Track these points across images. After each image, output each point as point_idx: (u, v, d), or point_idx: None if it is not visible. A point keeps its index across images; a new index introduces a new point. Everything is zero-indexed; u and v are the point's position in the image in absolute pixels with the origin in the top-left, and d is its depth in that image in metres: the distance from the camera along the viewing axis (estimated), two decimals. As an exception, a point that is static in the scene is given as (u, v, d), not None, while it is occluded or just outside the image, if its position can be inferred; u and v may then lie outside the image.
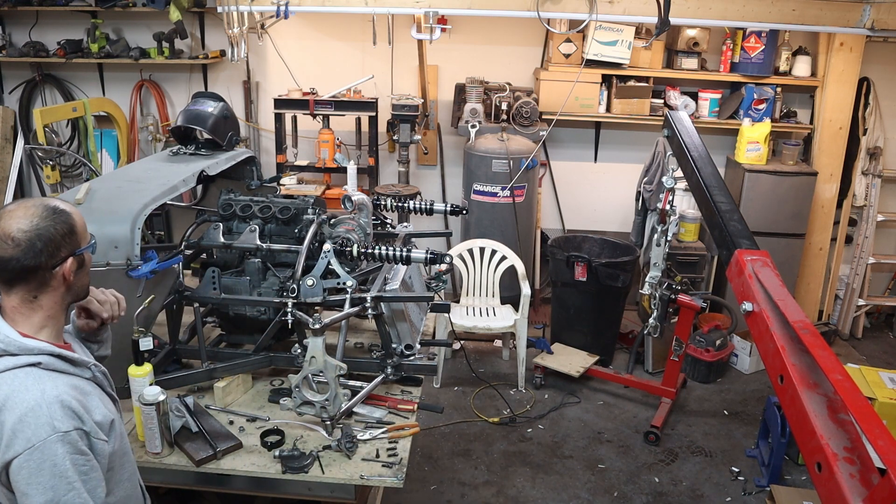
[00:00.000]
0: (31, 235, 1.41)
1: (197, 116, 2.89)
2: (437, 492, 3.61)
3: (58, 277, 1.46)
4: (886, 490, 1.54)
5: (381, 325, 2.45)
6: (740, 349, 4.92)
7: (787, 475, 3.81)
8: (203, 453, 2.15)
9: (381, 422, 2.38)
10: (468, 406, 4.35)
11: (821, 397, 1.86)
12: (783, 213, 5.01)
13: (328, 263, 2.40)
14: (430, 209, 3.00)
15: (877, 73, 5.16)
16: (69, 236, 1.46)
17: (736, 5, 4.40)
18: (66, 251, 1.46)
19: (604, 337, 4.81)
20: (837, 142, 5.12)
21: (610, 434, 4.14)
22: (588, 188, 5.64)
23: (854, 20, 4.41)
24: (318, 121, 5.14)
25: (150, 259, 2.30)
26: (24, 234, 1.40)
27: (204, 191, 3.20)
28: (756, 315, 2.18)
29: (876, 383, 3.60)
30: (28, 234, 1.40)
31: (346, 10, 4.63)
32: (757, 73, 5.03)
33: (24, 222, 1.41)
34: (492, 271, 4.79)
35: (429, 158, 5.58)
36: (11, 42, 5.45)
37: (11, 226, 1.40)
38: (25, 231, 1.40)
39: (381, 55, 5.19)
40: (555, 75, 5.07)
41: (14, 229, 1.40)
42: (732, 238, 2.50)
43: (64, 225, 1.45)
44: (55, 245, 1.43)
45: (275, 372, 2.69)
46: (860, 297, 5.44)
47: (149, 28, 5.31)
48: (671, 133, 3.47)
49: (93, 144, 5.28)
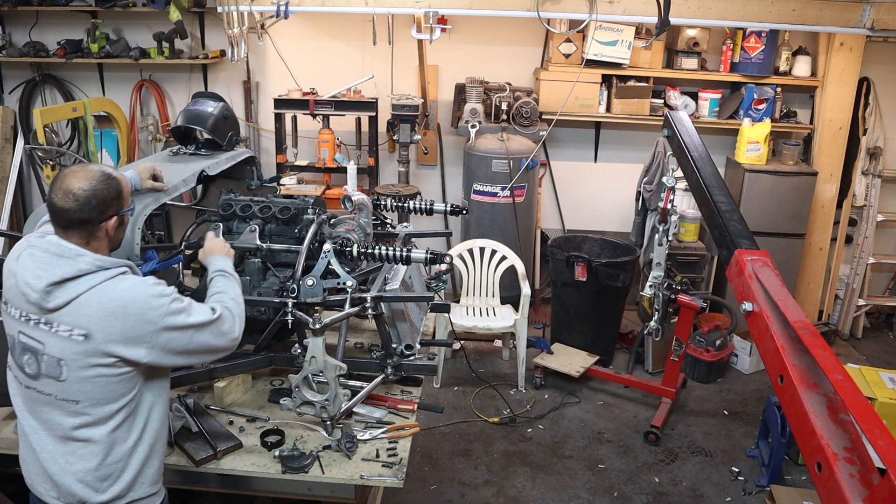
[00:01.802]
0: (89, 194, 1.71)
1: (197, 116, 2.89)
2: (437, 492, 3.61)
3: (103, 230, 1.77)
4: (886, 490, 1.54)
5: (381, 325, 2.45)
6: (740, 349, 4.92)
7: (787, 475, 3.81)
8: (203, 453, 2.15)
9: (381, 422, 2.38)
10: (468, 406, 4.35)
11: (821, 397, 1.86)
12: (783, 213, 5.01)
13: (328, 263, 2.40)
14: (430, 209, 3.00)
15: (877, 73, 5.16)
16: (117, 199, 1.78)
17: (736, 5, 4.40)
18: (112, 210, 1.77)
19: (604, 337, 4.81)
20: (837, 142, 5.12)
21: (610, 434, 4.14)
22: (588, 188, 5.64)
23: (854, 20, 4.41)
24: (318, 121, 5.14)
25: (150, 259, 2.30)
26: (83, 193, 1.71)
27: (204, 191, 3.20)
28: (756, 315, 2.18)
29: (876, 383, 3.60)
30: (86, 193, 1.71)
31: (346, 10, 4.63)
32: (757, 73, 5.03)
33: (85, 183, 1.72)
34: (492, 271, 4.79)
35: (429, 158, 5.58)
36: (11, 42, 5.45)
37: (73, 184, 1.71)
38: (85, 190, 1.71)
39: (381, 55, 5.19)
40: (555, 75, 5.07)
41: (76, 188, 1.71)
42: (732, 238, 2.50)
43: (114, 189, 1.77)
44: (105, 205, 1.74)
45: (275, 372, 2.69)
46: (860, 297, 5.45)
47: (149, 28, 5.31)
48: (671, 133, 3.47)
49: (93, 144, 5.28)
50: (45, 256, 1.71)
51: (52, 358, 1.71)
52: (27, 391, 1.78)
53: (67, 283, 1.69)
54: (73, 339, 1.69)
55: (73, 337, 1.69)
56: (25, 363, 1.75)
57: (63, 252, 1.71)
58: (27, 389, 1.78)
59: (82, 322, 1.69)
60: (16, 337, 1.77)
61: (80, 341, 1.69)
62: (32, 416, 1.80)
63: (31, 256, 1.72)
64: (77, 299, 1.69)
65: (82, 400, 1.73)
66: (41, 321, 1.71)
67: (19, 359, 1.77)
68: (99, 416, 1.75)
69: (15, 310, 1.76)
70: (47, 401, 1.75)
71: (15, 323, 1.77)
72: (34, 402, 1.78)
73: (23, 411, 1.82)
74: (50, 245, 1.72)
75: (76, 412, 1.74)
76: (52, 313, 1.70)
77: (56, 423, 1.76)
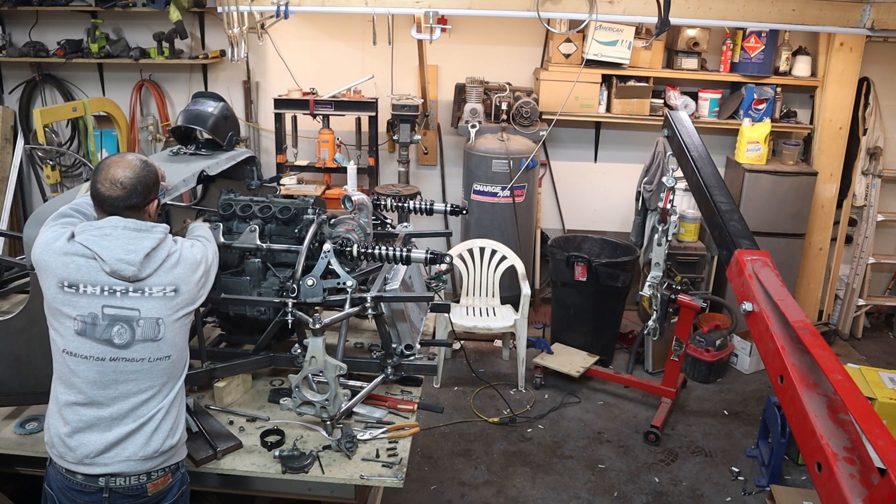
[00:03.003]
0: (135, 181, 1.89)
1: (197, 116, 2.88)
2: (437, 492, 3.61)
3: (146, 213, 1.95)
4: (886, 490, 1.54)
5: (381, 325, 2.45)
6: (740, 349, 4.92)
7: (787, 475, 3.81)
8: (203, 453, 2.15)
9: (381, 422, 2.38)
10: (468, 406, 4.35)
11: (821, 397, 1.86)
12: (783, 213, 5.01)
13: (328, 263, 2.40)
14: (430, 209, 3.00)
15: (877, 73, 5.16)
16: (156, 184, 1.98)
17: (736, 5, 4.40)
18: (153, 195, 1.97)
19: (604, 337, 4.81)
20: (837, 142, 5.12)
21: (610, 434, 4.14)
22: (588, 188, 5.64)
23: (854, 20, 4.41)
24: (318, 121, 5.14)
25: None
26: (129, 181, 1.88)
27: (204, 191, 3.19)
28: (756, 315, 2.18)
29: (876, 383, 3.60)
30: (132, 181, 1.88)
31: (346, 10, 4.63)
32: (757, 73, 5.03)
33: (129, 171, 1.89)
34: (492, 271, 4.79)
35: (429, 158, 5.58)
36: (11, 42, 5.45)
37: (119, 174, 1.87)
38: (130, 178, 1.88)
39: (381, 55, 5.18)
40: (555, 75, 5.07)
41: (121, 176, 1.87)
42: (732, 238, 2.50)
43: (153, 174, 1.96)
44: (148, 189, 1.93)
45: (275, 372, 2.69)
46: (860, 297, 5.45)
47: (149, 28, 5.31)
48: (671, 133, 3.47)
49: (93, 144, 5.29)
50: (127, 233, 1.86)
51: (150, 320, 1.88)
52: (111, 364, 1.87)
53: (153, 253, 1.88)
54: (167, 296, 1.89)
55: (166, 294, 1.89)
56: (115, 334, 1.85)
57: (141, 227, 1.89)
58: (112, 362, 1.86)
59: (171, 280, 1.91)
60: (98, 313, 1.85)
61: (172, 297, 1.90)
62: (108, 390, 1.89)
63: (108, 237, 1.84)
64: (165, 262, 1.90)
65: (173, 353, 1.93)
66: (130, 290, 1.86)
67: (106, 332, 1.85)
68: (181, 364, 1.99)
69: (93, 287, 1.84)
70: (136, 367, 1.88)
71: (94, 300, 1.84)
72: (117, 374, 1.87)
73: (91, 389, 1.88)
74: (126, 223, 1.88)
75: (165, 369, 1.92)
76: (144, 280, 1.87)
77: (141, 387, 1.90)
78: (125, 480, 1.91)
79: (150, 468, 1.93)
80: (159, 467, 1.95)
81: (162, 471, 1.96)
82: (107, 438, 1.88)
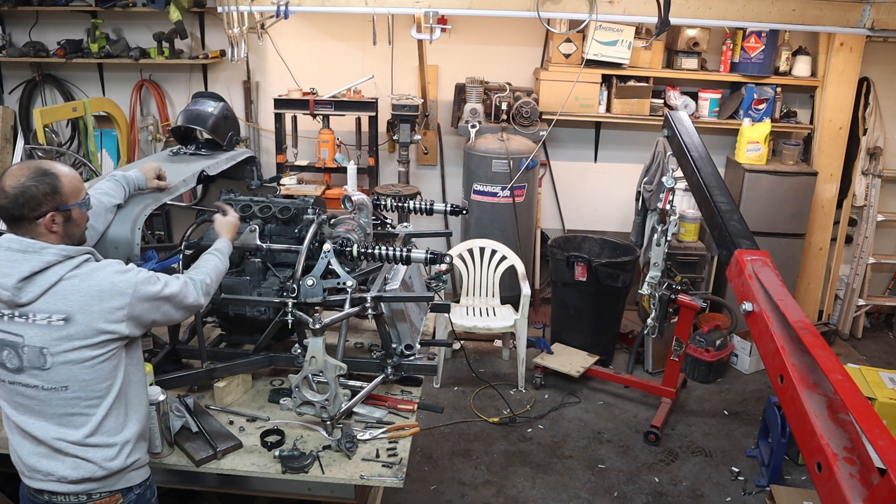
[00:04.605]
0: (17, 192, 1.71)
1: (197, 116, 2.89)
2: (437, 492, 3.61)
3: (41, 227, 1.75)
4: (886, 490, 1.54)
5: (381, 325, 2.45)
6: (740, 349, 4.92)
7: (787, 475, 3.81)
8: (203, 453, 2.15)
9: (381, 422, 2.38)
10: (468, 406, 4.35)
11: (821, 397, 1.86)
12: (783, 213, 5.01)
13: (328, 263, 2.40)
14: (430, 209, 3.00)
15: (877, 73, 5.16)
16: (50, 195, 1.74)
17: (736, 5, 4.40)
18: (46, 207, 1.74)
19: (604, 337, 4.81)
20: (837, 142, 5.12)
21: (610, 434, 4.14)
22: (588, 188, 5.64)
23: (854, 20, 4.41)
24: (318, 121, 5.14)
25: (149, 259, 2.30)
26: (12, 190, 1.71)
27: (204, 191, 3.20)
28: (756, 315, 2.18)
29: (876, 383, 3.60)
30: (14, 190, 1.71)
31: (346, 10, 4.63)
32: (757, 73, 5.03)
33: (14, 180, 1.72)
34: (492, 271, 4.79)
35: (429, 158, 5.58)
36: (11, 42, 5.45)
37: (6, 182, 1.72)
38: (14, 187, 1.72)
39: (381, 55, 5.18)
40: (555, 75, 5.07)
41: (7, 185, 1.72)
42: (732, 238, 2.50)
43: (47, 185, 1.74)
44: (36, 201, 1.73)
45: (275, 372, 2.69)
46: (860, 297, 5.44)
47: (149, 28, 5.31)
48: (671, 133, 3.47)
49: (93, 144, 5.28)
50: (8, 254, 1.73)
51: (33, 348, 1.74)
52: (11, 387, 1.80)
53: (37, 277, 1.72)
54: (52, 325, 1.73)
55: (52, 323, 1.73)
56: (6, 359, 1.76)
57: (27, 247, 1.73)
58: (11, 385, 1.79)
59: (60, 307, 1.73)
60: None
61: (60, 326, 1.73)
62: (18, 411, 1.82)
63: None
64: (52, 289, 1.73)
65: (71, 385, 1.76)
66: (15, 315, 1.74)
67: None
68: (90, 397, 1.79)
69: None
70: (33, 393, 1.77)
71: None
72: (21, 398, 1.79)
73: (7, 407, 1.84)
74: (11, 242, 1.74)
75: (65, 399, 1.77)
76: (27, 306, 1.73)
77: (46, 412, 1.79)
78: (65, 498, 1.84)
79: (87, 490, 1.84)
80: (99, 490, 1.85)
81: (107, 493, 1.86)
82: (39, 451, 1.82)
